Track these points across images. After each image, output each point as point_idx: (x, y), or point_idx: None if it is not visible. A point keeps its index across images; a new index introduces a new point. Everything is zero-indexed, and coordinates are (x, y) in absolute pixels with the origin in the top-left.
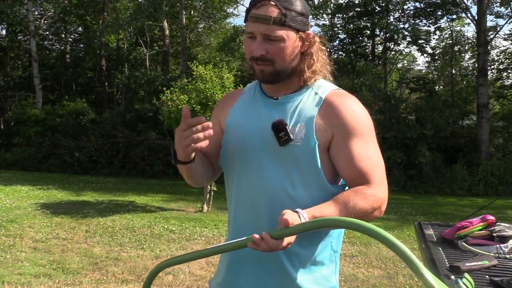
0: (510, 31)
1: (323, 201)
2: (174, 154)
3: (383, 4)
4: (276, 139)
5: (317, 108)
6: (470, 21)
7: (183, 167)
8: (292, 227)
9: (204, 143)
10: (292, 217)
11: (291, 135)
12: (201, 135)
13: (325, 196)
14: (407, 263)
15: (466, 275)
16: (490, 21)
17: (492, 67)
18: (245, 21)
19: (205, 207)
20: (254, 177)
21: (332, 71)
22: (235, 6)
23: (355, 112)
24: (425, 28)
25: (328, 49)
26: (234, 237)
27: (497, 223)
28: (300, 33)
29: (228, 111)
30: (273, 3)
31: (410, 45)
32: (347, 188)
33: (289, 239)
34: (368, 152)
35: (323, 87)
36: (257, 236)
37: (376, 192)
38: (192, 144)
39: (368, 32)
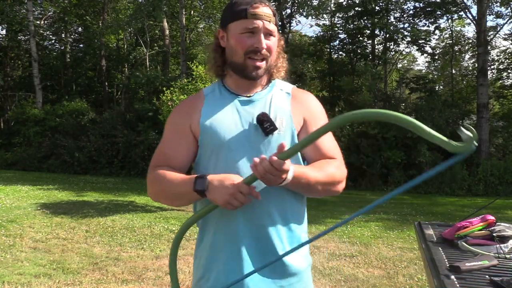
0: (510, 31)
1: None
2: (204, 186)
3: (383, 4)
4: (262, 130)
5: (288, 101)
6: (470, 21)
7: (194, 196)
8: (296, 144)
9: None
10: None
11: (276, 125)
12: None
13: None
14: (414, 130)
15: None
16: (490, 21)
17: (492, 67)
18: (235, 20)
19: None
20: (243, 172)
21: (286, 71)
22: None
23: (316, 104)
24: (425, 28)
25: (328, 49)
26: (223, 228)
27: (497, 223)
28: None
29: (199, 113)
30: (267, 4)
31: (410, 45)
32: None
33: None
34: (329, 137)
35: (283, 84)
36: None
37: (341, 166)
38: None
39: (368, 32)
